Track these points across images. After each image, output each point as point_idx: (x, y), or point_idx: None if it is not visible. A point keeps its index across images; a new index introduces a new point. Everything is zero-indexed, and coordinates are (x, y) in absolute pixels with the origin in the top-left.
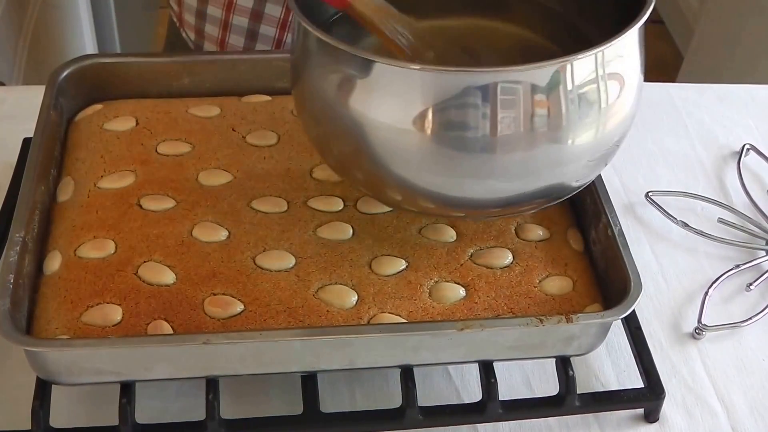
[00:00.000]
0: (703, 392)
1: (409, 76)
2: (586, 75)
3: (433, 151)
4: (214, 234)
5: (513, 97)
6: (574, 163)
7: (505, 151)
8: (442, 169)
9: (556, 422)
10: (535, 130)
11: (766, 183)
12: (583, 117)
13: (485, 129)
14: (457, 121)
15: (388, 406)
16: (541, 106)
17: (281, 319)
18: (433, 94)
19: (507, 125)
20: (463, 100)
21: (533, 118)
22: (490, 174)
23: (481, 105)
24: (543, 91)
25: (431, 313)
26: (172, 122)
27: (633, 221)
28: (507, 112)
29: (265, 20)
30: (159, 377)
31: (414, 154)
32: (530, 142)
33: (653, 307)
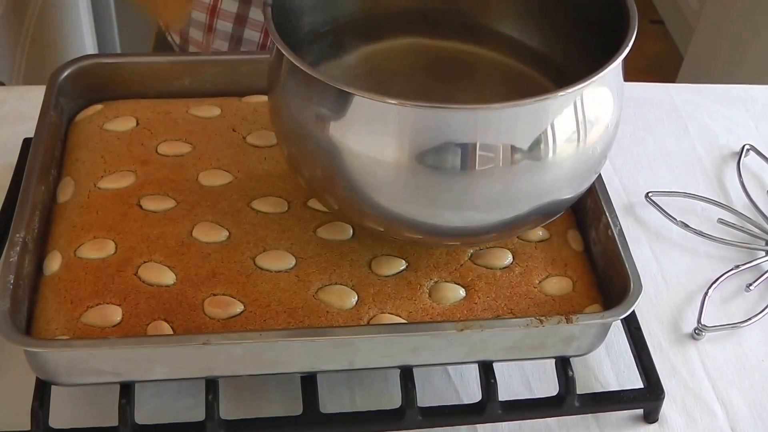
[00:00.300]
0: (702, 393)
1: (386, 110)
2: (566, 112)
3: (409, 182)
4: (214, 234)
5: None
6: (556, 192)
7: (483, 185)
8: (419, 199)
9: (555, 423)
10: (515, 164)
11: (766, 183)
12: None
13: (463, 163)
14: (434, 155)
15: (388, 406)
16: (520, 143)
17: (281, 319)
18: (410, 128)
19: (485, 160)
20: (440, 135)
21: (512, 154)
22: (469, 205)
23: (459, 140)
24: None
25: (431, 314)
26: (173, 122)
27: (633, 222)
28: (485, 148)
29: (249, 25)
30: (159, 378)
31: (391, 184)
32: (509, 176)
33: (653, 307)
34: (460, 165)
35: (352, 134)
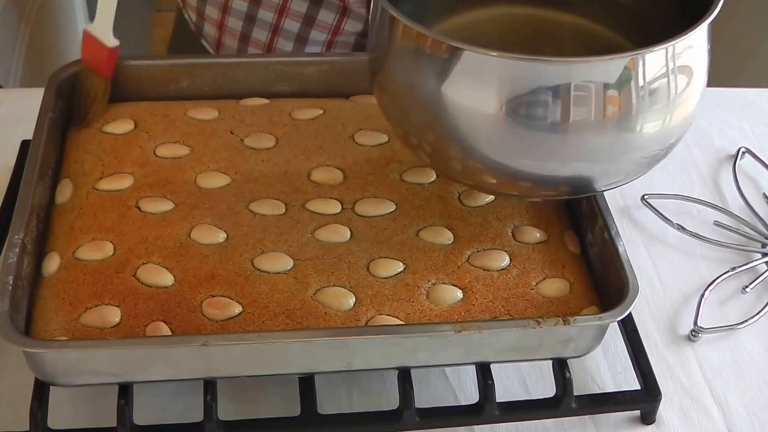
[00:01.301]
0: (699, 394)
1: (486, 62)
2: (658, 67)
3: (506, 132)
4: (213, 236)
5: (586, 87)
6: (631, 154)
7: (574, 136)
8: (520, 150)
9: (552, 424)
10: (606, 117)
11: (761, 186)
12: (653, 106)
13: (556, 115)
14: (530, 107)
15: (386, 407)
16: (613, 101)
17: (279, 321)
18: (509, 79)
19: (578, 112)
20: (537, 87)
21: (604, 107)
22: (569, 156)
23: (554, 93)
24: (614, 83)
25: (429, 315)
26: (171, 125)
27: (629, 224)
28: (580, 101)
29: (264, 5)
30: (157, 378)
31: (489, 135)
32: (599, 129)
33: (649, 309)
34: (557, 116)
35: (457, 88)
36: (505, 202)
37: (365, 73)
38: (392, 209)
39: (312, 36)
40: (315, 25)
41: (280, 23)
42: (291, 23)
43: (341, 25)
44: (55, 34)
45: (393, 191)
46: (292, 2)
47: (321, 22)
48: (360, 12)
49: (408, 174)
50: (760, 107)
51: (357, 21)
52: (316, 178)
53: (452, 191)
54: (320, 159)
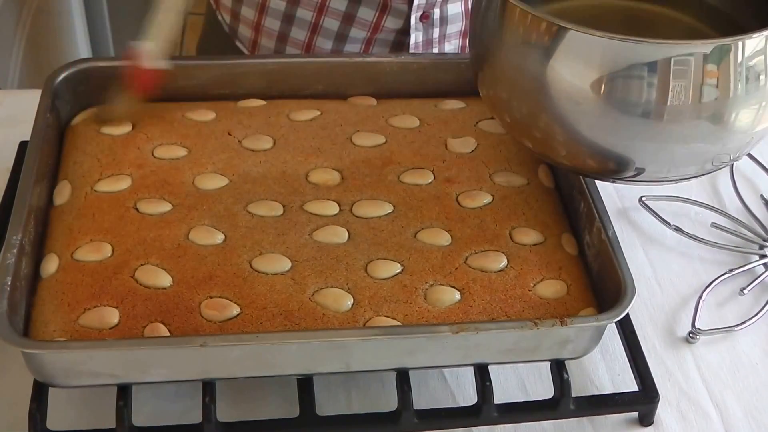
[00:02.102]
0: (697, 396)
1: (593, 43)
2: (756, 54)
3: (608, 113)
4: (211, 237)
5: (684, 70)
6: (742, 134)
7: (675, 119)
8: (617, 132)
9: (551, 425)
10: (702, 102)
11: (759, 188)
12: (749, 94)
13: (653, 97)
14: (629, 88)
15: (384, 409)
16: (710, 81)
17: (277, 322)
18: (614, 61)
19: (677, 95)
20: (637, 68)
21: (701, 91)
22: (663, 138)
23: (651, 75)
24: (712, 65)
25: (426, 317)
26: (168, 126)
27: (627, 226)
28: (678, 82)
29: (303, 4)
30: (156, 380)
31: (590, 116)
32: (695, 113)
33: (647, 311)
34: (653, 98)
35: (563, 67)
36: (503, 204)
37: (363, 74)
38: (390, 211)
39: (352, 34)
40: (355, 23)
41: (320, 22)
42: (330, 21)
43: (381, 23)
44: (53, 36)
45: (391, 193)
46: (332, 0)
47: (361, 20)
48: (401, 8)
49: (406, 175)
50: None
51: (398, 18)
52: (314, 179)
53: (450, 193)
54: (318, 160)
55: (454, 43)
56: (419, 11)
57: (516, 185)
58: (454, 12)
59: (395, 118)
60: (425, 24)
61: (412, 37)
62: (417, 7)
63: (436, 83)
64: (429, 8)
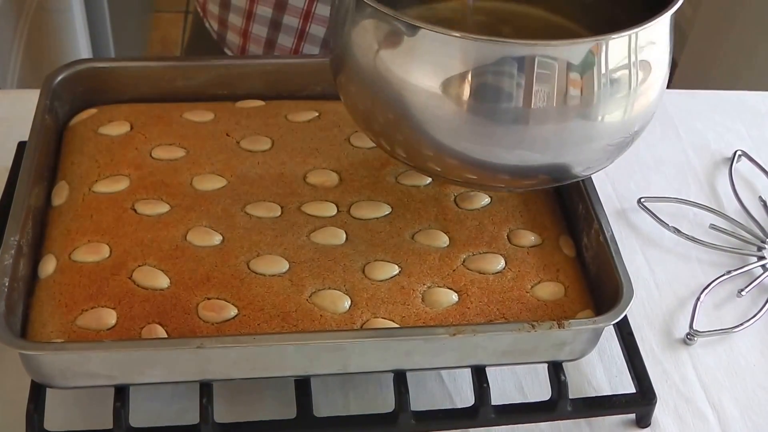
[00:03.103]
0: (694, 397)
1: (449, 43)
2: (620, 55)
3: (467, 118)
4: (208, 238)
5: (548, 71)
6: (595, 142)
7: (536, 123)
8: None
9: (548, 427)
10: (567, 104)
11: (757, 189)
12: (614, 95)
13: (519, 100)
14: (492, 91)
15: (381, 410)
16: (575, 84)
17: (275, 323)
18: (472, 62)
19: (540, 98)
20: (500, 69)
21: (566, 93)
22: (523, 145)
23: (517, 76)
24: (577, 68)
25: (424, 318)
26: (167, 127)
27: (625, 227)
28: (541, 85)
29: (289, 11)
30: (153, 381)
31: (448, 120)
32: (561, 116)
33: (645, 312)
34: (517, 101)
35: (415, 69)
36: (501, 205)
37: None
38: (388, 212)
39: None
40: None
41: (306, 28)
42: (317, 28)
43: None
44: (53, 36)
45: (389, 194)
46: (317, 7)
47: None
48: None
49: (404, 177)
50: (757, 110)
51: None
52: (312, 180)
53: (448, 194)
54: (316, 161)
55: None
56: None
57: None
58: None
59: None
60: None
61: None
62: None
63: None
64: None
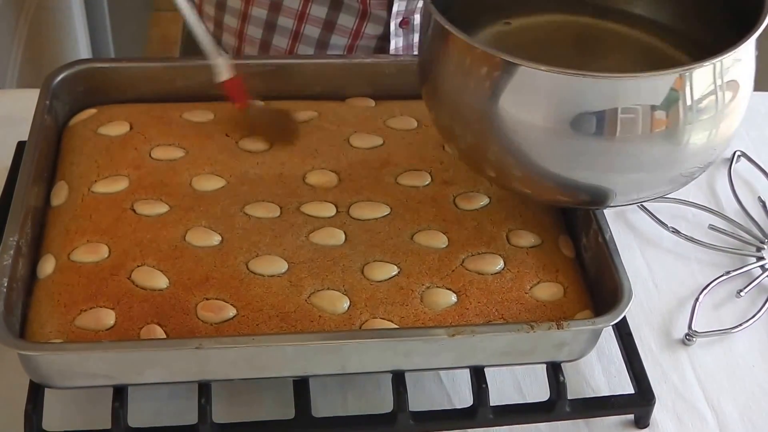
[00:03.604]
0: (693, 398)
1: (537, 77)
2: (706, 83)
3: (559, 144)
4: (207, 239)
5: (634, 104)
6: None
7: (622, 150)
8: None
9: (546, 428)
10: (653, 132)
11: (756, 190)
12: (699, 118)
13: (606, 129)
14: (577, 121)
15: (380, 410)
16: (660, 116)
17: (273, 324)
18: (559, 94)
19: (626, 127)
20: (584, 101)
21: (652, 122)
22: (609, 168)
23: (603, 107)
24: (661, 98)
25: (423, 319)
26: (166, 127)
27: (624, 228)
28: (628, 115)
29: (284, 12)
30: (152, 381)
31: (542, 146)
32: (647, 143)
33: (644, 313)
34: (604, 131)
35: (505, 100)
36: (500, 206)
37: (360, 76)
38: (387, 212)
39: (333, 41)
40: (335, 30)
41: (300, 29)
42: (311, 29)
43: (362, 29)
44: (52, 35)
45: (388, 194)
46: (312, 8)
47: (341, 27)
48: (380, 15)
49: (403, 177)
50: (756, 111)
51: (377, 24)
52: (311, 181)
53: (447, 195)
54: (315, 162)
55: None
56: (398, 17)
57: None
58: None
59: (393, 120)
60: (405, 30)
61: (392, 43)
62: (396, 13)
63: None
64: (408, 14)
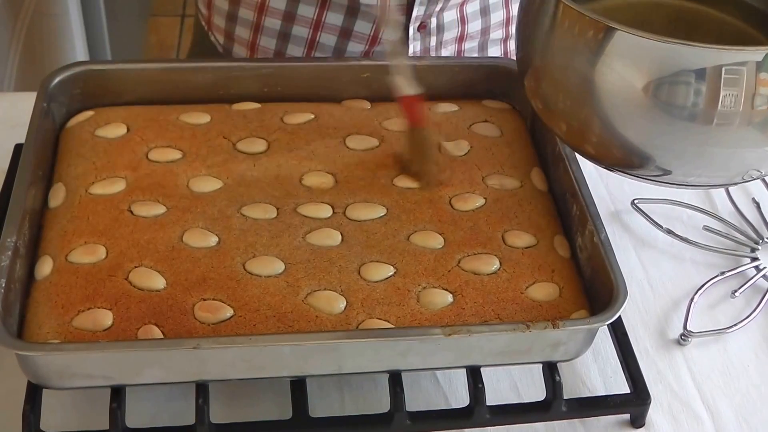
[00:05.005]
0: (688, 398)
1: (643, 45)
2: None
3: (655, 115)
4: (204, 240)
5: (736, 76)
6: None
7: (719, 126)
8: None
9: (543, 427)
10: (754, 109)
11: (750, 191)
12: None
13: (704, 102)
14: (678, 92)
15: (377, 410)
16: (764, 86)
17: (270, 324)
18: (663, 64)
19: (727, 102)
20: (688, 72)
21: (754, 97)
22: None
23: (701, 80)
24: (765, 74)
25: (419, 319)
26: (163, 129)
27: (619, 228)
28: (729, 89)
29: (298, 21)
30: (149, 382)
31: (637, 116)
32: (745, 120)
33: (639, 313)
34: (702, 102)
35: (610, 67)
36: (496, 206)
37: (357, 78)
38: (383, 213)
39: (350, 48)
40: (352, 37)
41: (316, 37)
42: (327, 37)
43: (379, 35)
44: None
45: (384, 195)
46: (327, 15)
47: (358, 34)
48: (398, 19)
49: (399, 178)
50: None
51: (395, 28)
52: (308, 182)
53: (443, 196)
54: (312, 163)
55: (450, 49)
56: (417, 21)
57: (509, 188)
58: (450, 19)
59: (389, 121)
60: (422, 33)
61: (411, 48)
62: (415, 18)
63: (429, 87)
64: (426, 18)
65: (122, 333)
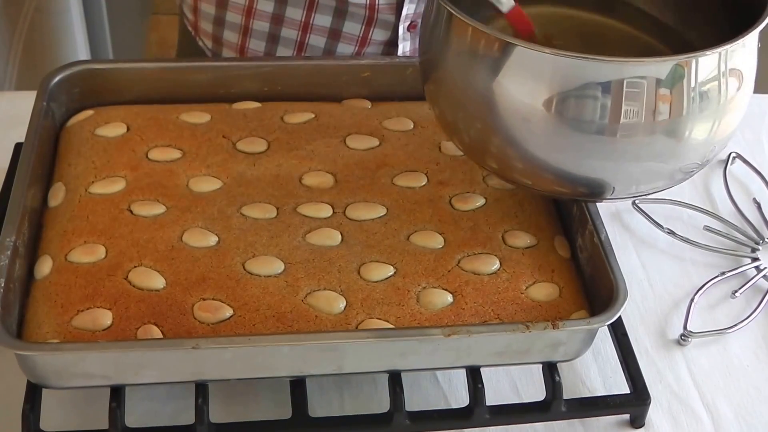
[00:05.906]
0: (688, 398)
1: (542, 60)
2: (710, 72)
3: (560, 131)
4: (204, 239)
5: (637, 89)
6: (690, 153)
7: (625, 137)
8: (567, 150)
9: (542, 427)
10: (655, 121)
11: (751, 191)
12: (703, 111)
13: (607, 116)
14: (580, 105)
15: (377, 410)
16: (664, 100)
17: (270, 324)
18: (563, 78)
19: (628, 114)
20: (587, 85)
21: (655, 109)
22: (612, 156)
23: (604, 93)
24: (666, 84)
25: (419, 319)
26: (163, 128)
27: (620, 228)
28: (631, 101)
29: (287, 23)
30: (148, 381)
31: (542, 133)
32: (649, 131)
33: (639, 313)
34: (606, 116)
35: (510, 83)
36: (496, 206)
37: (357, 77)
38: (383, 213)
39: (339, 49)
40: (342, 38)
41: (305, 39)
42: (316, 38)
43: (369, 36)
44: (50, 37)
45: (384, 195)
46: (316, 17)
47: (347, 35)
48: (388, 19)
49: (399, 178)
50: (752, 113)
51: (385, 29)
52: (308, 182)
53: (443, 195)
54: (312, 163)
55: None
56: (407, 21)
57: (509, 188)
58: None
59: (389, 121)
60: (413, 33)
61: (400, 48)
62: (405, 17)
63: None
64: (417, 17)
65: (122, 333)
